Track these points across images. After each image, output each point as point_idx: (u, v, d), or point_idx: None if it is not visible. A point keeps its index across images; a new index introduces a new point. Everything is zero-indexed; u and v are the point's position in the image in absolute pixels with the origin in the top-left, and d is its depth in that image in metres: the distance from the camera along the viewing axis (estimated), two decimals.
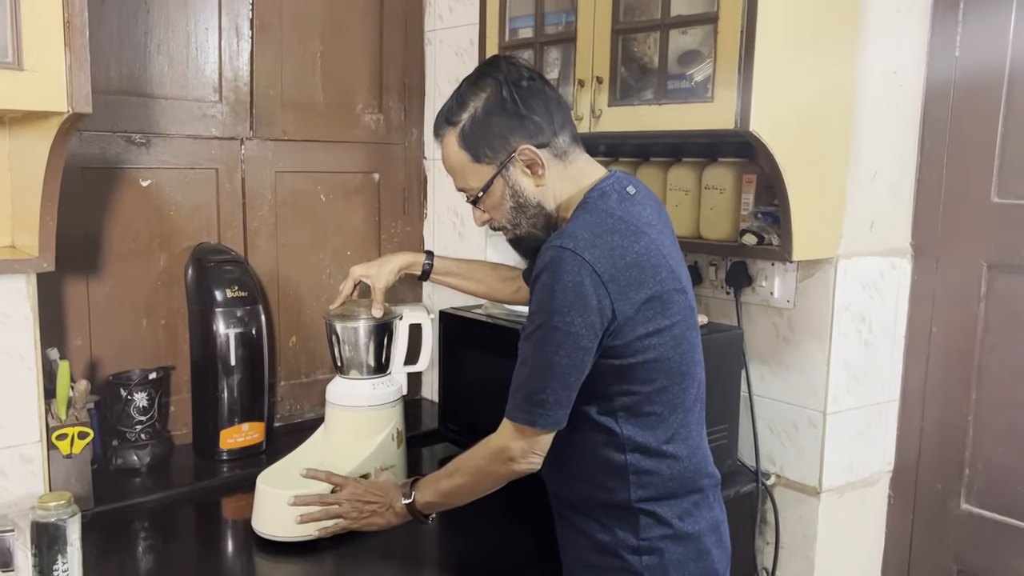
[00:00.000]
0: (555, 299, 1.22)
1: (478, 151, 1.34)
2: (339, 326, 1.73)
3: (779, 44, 1.55)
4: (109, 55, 1.86)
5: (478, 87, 1.34)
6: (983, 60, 1.81)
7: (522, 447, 1.30)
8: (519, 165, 1.34)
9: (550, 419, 1.27)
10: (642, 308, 1.25)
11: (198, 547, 1.70)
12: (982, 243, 1.84)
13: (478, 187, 1.36)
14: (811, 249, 1.74)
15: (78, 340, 1.88)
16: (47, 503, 1.33)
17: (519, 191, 1.35)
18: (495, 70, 1.35)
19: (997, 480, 1.86)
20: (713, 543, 1.37)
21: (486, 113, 1.33)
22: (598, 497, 1.35)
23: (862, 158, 1.81)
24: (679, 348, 1.31)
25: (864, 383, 1.91)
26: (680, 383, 1.32)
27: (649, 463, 1.32)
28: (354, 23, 2.25)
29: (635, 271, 1.24)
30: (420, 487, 1.47)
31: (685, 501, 1.35)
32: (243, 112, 2.07)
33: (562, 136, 1.35)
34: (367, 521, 1.52)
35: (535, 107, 1.32)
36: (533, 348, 1.26)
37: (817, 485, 1.87)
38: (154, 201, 1.96)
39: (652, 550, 1.33)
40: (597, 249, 1.23)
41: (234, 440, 1.94)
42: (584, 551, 1.39)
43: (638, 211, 1.32)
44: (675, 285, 1.30)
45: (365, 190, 2.33)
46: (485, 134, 1.33)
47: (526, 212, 1.36)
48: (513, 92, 1.32)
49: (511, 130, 1.32)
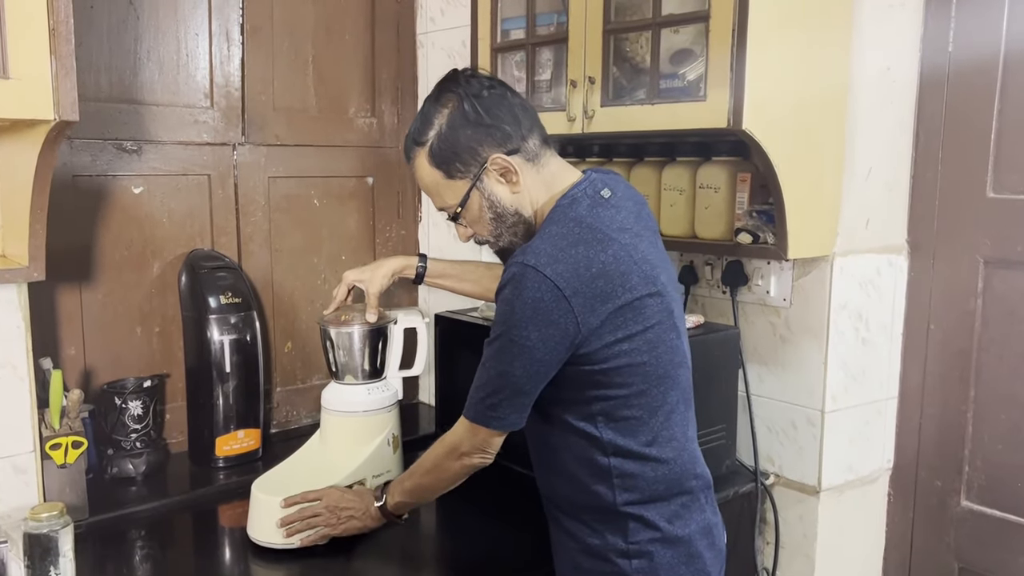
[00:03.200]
0: (514, 314, 1.23)
1: (450, 167, 1.34)
2: (333, 331, 1.72)
3: (771, 41, 1.54)
4: (99, 62, 1.85)
5: (440, 103, 1.34)
6: (977, 54, 1.81)
7: (473, 444, 1.36)
8: (493, 175, 1.33)
9: (502, 422, 1.31)
10: (610, 317, 1.24)
11: (194, 555, 1.69)
12: (978, 239, 1.84)
13: (455, 203, 1.36)
14: (807, 247, 1.73)
15: (72, 349, 1.87)
16: (39, 514, 1.32)
17: (496, 201, 1.35)
18: (454, 84, 1.34)
19: (997, 477, 1.85)
20: (705, 546, 1.36)
21: (451, 128, 1.32)
22: (585, 501, 1.35)
23: (857, 155, 1.80)
24: (654, 352, 1.29)
25: (862, 381, 1.90)
26: (658, 386, 1.31)
27: (632, 466, 1.31)
28: (346, 26, 2.24)
29: (601, 282, 1.24)
30: (389, 490, 1.55)
31: (673, 503, 1.34)
32: (235, 118, 2.06)
33: (531, 140, 1.34)
34: (345, 526, 1.57)
35: (500, 115, 1.32)
36: (491, 355, 1.29)
37: (816, 484, 1.86)
38: (146, 208, 1.95)
39: (642, 554, 1.32)
40: (560, 264, 1.22)
41: (230, 447, 1.93)
42: (574, 554, 1.39)
43: (610, 215, 1.31)
44: (648, 290, 1.28)
45: (359, 194, 2.32)
46: (454, 149, 1.32)
47: (505, 222, 1.36)
48: (475, 104, 1.31)
49: (479, 141, 1.32)
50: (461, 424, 1.36)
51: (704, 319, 1.91)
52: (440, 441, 1.43)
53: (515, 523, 1.71)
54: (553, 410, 1.33)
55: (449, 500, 1.69)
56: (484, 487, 1.94)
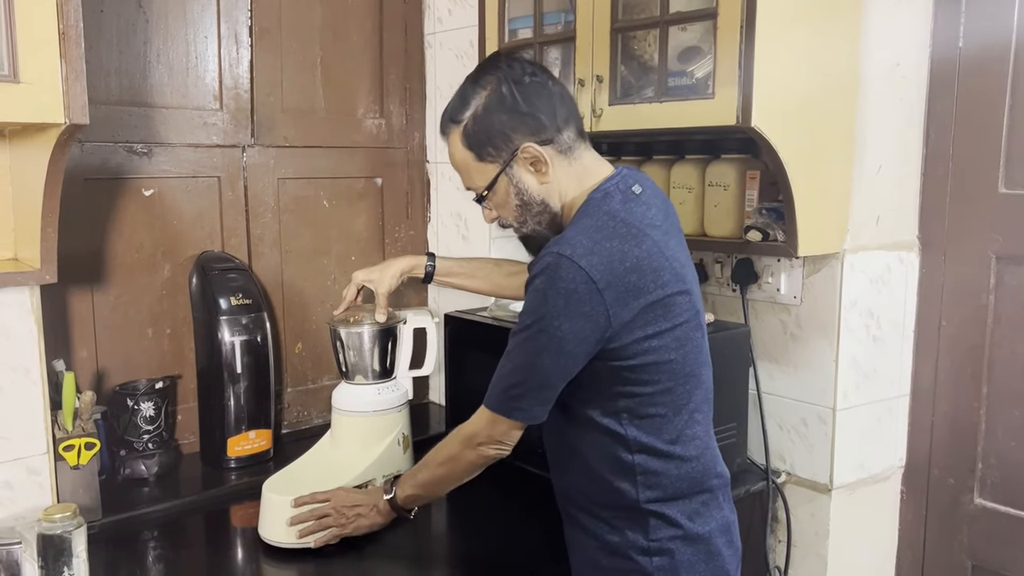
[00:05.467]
0: (546, 303, 1.22)
1: (481, 150, 1.33)
2: (343, 332, 1.72)
3: (779, 38, 1.53)
4: (109, 66, 1.86)
5: (479, 85, 1.33)
6: (987, 49, 1.80)
7: (491, 434, 1.34)
8: (523, 163, 1.32)
9: (525, 414, 1.30)
10: (641, 313, 1.24)
11: (206, 556, 1.69)
12: (990, 235, 1.82)
13: (483, 185, 1.36)
14: (817, 244, 1.73)
15: (84, 351, 1.88)
16: (52, 515, 1.33)
17: (523, 189, 1.34)
18: (495, 67, 1.33)
19: (1010, 474, 1.84)
20: (724, 543, 1.36)
21: (487, 111, 1.31)
22: (606, 498, 1.35)
23: (867, 151, 1.80)
24: (682, 349, 1.29)
25: (873, 379, 1.89)
26: (684, 384, 1.31)
27: (656, 464, 1.31)
28: (353, 28, 2.25)
29: (635, 276, 1.23)
30: (399, 483, 1.53)
31: (694, 501, 1.34)
32: (244, 119, 2.06)
33: (566, 132, 1.33)
34: (355, 524, 1.56)
35: (537, 103, 1.31)
36: (518, 345, 1.27)
37: (828, 482, 1.85)
38: (157, 210, 1.96)
39: (662, 551, 1.32)
40: (595, 256, 1.22)
41: (241, 448, 1.94)
42: (593, 552, 1.38)
43: (642, 212, 1.30)
44: (678, 288, 1.28)
45: (368, 195, 2.32)
46: (487, 132, 1.32)
47: (531, 210, 1.35)
48: (514, 89, 1.30)
49: (513, 128, 1.31)
50: (481, 414, 1.35)
51: (714, 317, 1.91)
52: (455, 432, 1.41)
53: (526, 522, 1.70)
54: (577, 406, 1.32)
55: (458, 500, 1.70)
56: (494, 486, 1.94)
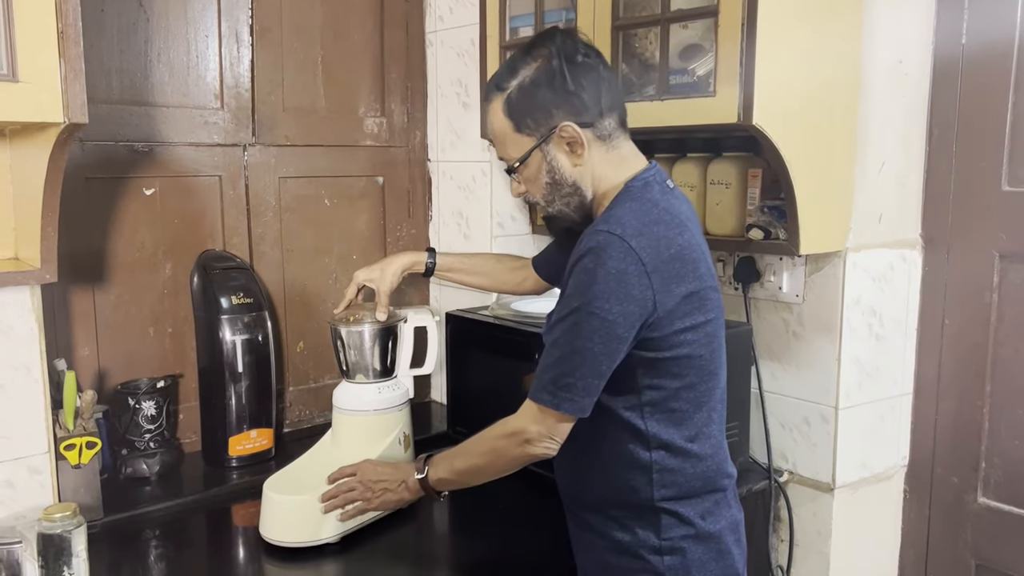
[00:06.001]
0: (596, 284, 1.20)
1: (520, 121, 1.31)
2: (343, 331, 1.72)
3: (781, 35, 1.53)
4: (110, 65, 1.86)
5: (530, 56, 1.31)
6: (990, 46, 1.78)
7: (540, 431, 1.28)
8: (559, 142, 1.31)
9: (575, 405, 1.25)
10: (682, 302, 1.24)
11: (208, 555, 1.69)
12: (994, 233, 1.81)
13: (516, 157, 1.34)
14: (819, 243, 1.72)
15: (86, 350, 1.88)
16: (52, 515, 1.33)
17: (556, 168, 1.32)
18: (550, 41, 1.31)
19: (1014, 472, 1.83)
20: (733, 542, 1.36)
21: (533, 84, 1.30)
22: (617, 496, 1.34)
23: (869, 149, 1.79)
24: (710, 346, 1.30)
25: (876, 377, 1.88)
26: (707, 381, 1.31)
27: (673, 461, 1.30)
28: (354, 26, 2.25)
29: (678, 264, 1.23)
30: (433, 463, 1.46)
31: (706, 500, 1.33)
32: (245, 118, 2.06)
33: (608, 119, 1.31)
34: (381, 500, 1.52)
35: (584, 84, 1.29)
36: (565, 331, 1.23)
37: (831, 481, 1.84)
38: (158, 209, 1.96)
39: (674, 550, 1.31)
40: (644, 238, 1.21)
41: (243, 447, 1.94)
42: (602, 552, 1.37)
43: (678, 205, 1.31)
44: (712, 283, 1.29)
45: (369, 194, 2.32)
46: (529, 105, 1.30)
47: (560, 190, 1.34)
48: (564, 66, 1.28)
49: (556, 104, 1.29)
50: (528, 409, 1.29)
51: None
52: (501, 424, 1.34)
53: (528, 523, 1.70)
54: (601, 399, 1.28)
55: (462, 499, 1.70)
56: (496, 486, 1.94)
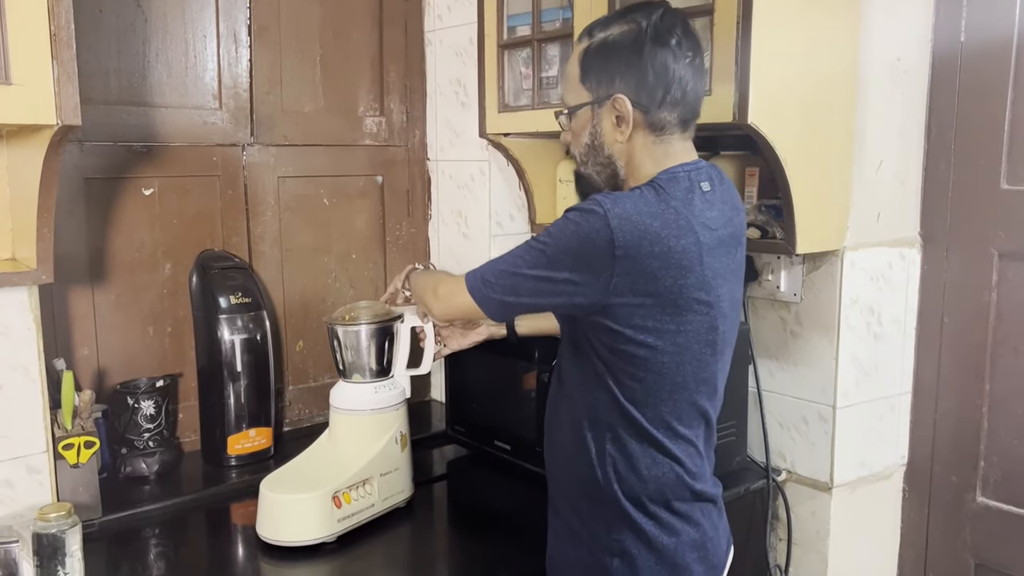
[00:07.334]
0: (564, 235, 1.24)
1: (587, 74, 1.32)
2: (340, 330, 1.72)
3: (777, 33, 1.52)
4: (108, 65, 1.86)
5: (627, 18, 1.31)
6: (989, 43, 1.78)
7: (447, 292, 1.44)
8: (610, 111, 1.31)
9: (481, 295, 1.33)
10: (644, 299, 1.22)
11: (207, 554, 1.70)
12: (992, 231, 1.81)
13: (571, 104, 1.36)
14: (816, 241, 1.71)
15: (85, 350, 1.89)
16: (47, 514, 1.34)
17: (598, 133, 1.33)
18: (652, 12, 1.29)
19: (1014, 472, 1.82)
20: (694, 559, 1.32)
21: (613, 45, 1.30)
22: (582, 486, 1.34)
23: (867, 147, 1.78)
24: (679, 357, 1.26)
25: (874, 376, 1.87)
26: (672, 392, 1.28)
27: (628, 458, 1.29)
28: (353, 25, 2.25)
29: (656, 264, 1.20)
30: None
31: (664, 510, 1.30)
32: (243, 118, 2.07)
33: (666, 112, 1.29)
34: None
35: (658, 71, 1.27)
36: (523, 251, 1.29)
37: (829, 480, 1.84)
38: (157, 209, 1.96)
39: (624, 553, 1.30)
40: (630, 224, 1.20)
41: (242, 446, 1.95)
42: (563, 541, 1.39)
43: (701, 208, 1.27)
44: (699, 296, 1.24)
45: (369, 193, 2.32)
46: (600, 63, 1.31)
47: (596, 156, 1.35)
48: (647, 42, 1.27)
49: (621, 75, 1.29)
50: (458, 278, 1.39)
51: None
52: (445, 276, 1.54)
53: (529, 523, 1.70)
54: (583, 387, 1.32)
55: (458, 498, 1.70)
56: (495, 485, 1.94)
